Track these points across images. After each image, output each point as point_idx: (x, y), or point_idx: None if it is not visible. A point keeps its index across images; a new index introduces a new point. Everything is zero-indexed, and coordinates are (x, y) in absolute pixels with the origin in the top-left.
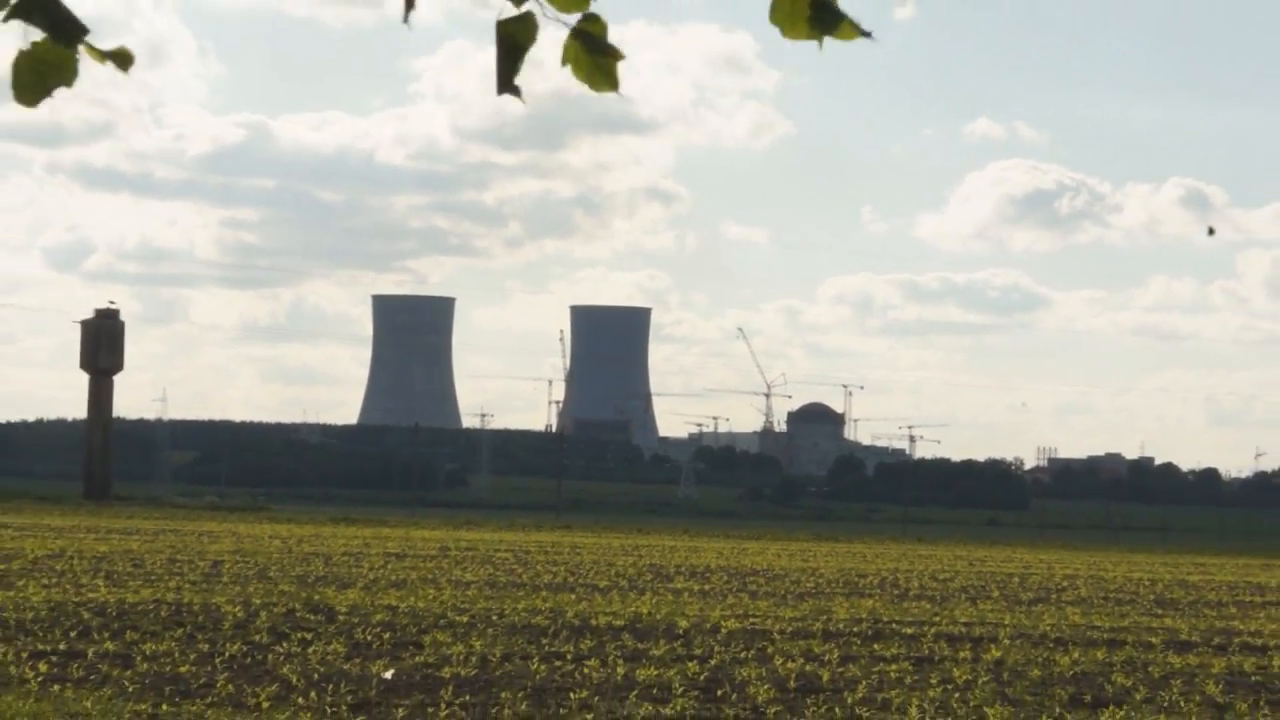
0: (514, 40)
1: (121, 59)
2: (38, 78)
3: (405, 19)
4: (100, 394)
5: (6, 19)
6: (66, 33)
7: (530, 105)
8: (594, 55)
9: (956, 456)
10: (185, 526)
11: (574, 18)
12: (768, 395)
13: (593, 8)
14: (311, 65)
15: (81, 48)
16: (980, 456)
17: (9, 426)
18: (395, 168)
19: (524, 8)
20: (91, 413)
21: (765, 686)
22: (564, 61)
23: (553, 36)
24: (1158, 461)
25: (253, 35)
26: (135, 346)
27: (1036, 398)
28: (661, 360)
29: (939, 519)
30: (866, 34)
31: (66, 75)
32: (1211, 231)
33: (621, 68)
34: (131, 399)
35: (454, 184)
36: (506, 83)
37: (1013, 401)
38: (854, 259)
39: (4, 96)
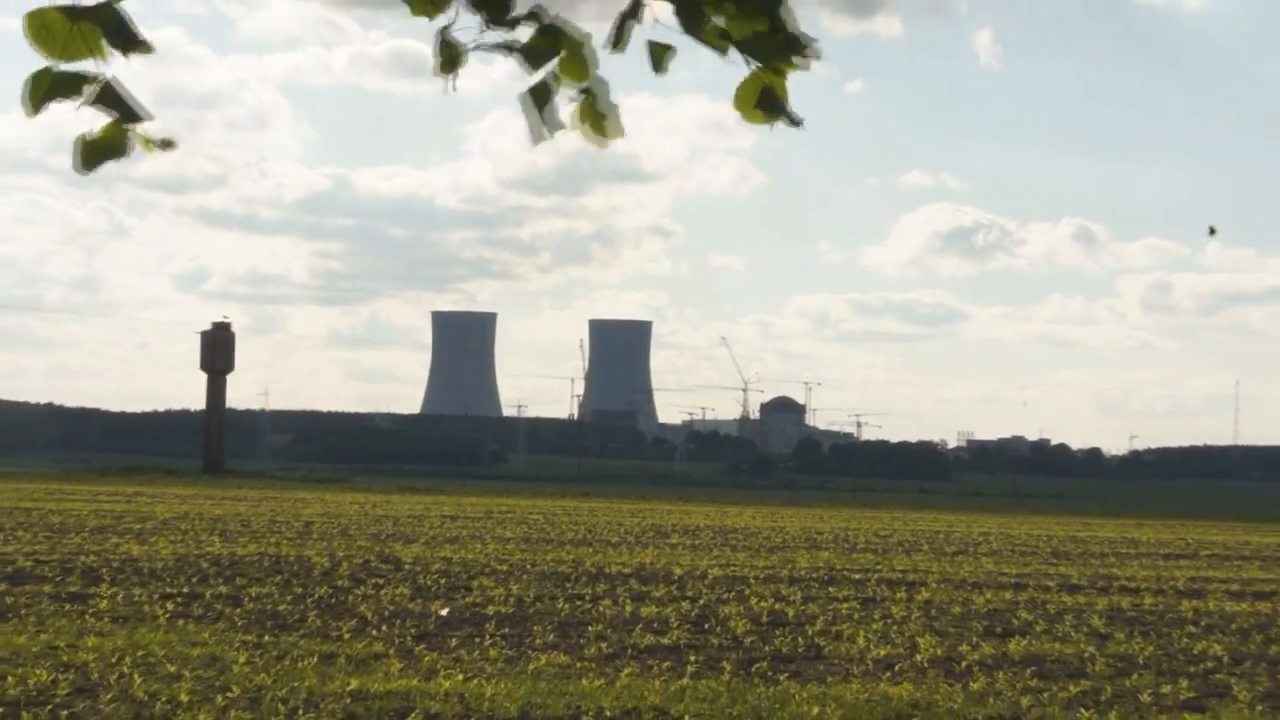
0: (541, 104)
1: (167, 145)
2: (94, 153)
3: (449, 85)
4: (215, 390)
5: (83, 104)
6: (133, 117)
7: (557, 160)
8: (597, 112)
9: (894, 439)
10: (283, 495)
11: (582, 85)
12: (745, 390)
13: (605, 83)
14: (384, 128)
15: (138, 132)
16: (913, 439)
17: (144, 415)
18: (450, 210)
19: (539, 76)
20: (209, 404)
21: (743, 621)
22: (580, 119)
23: (567, 107)
24: (1054, 442)
25: (337, 104)
26: (243, 352)
27: (958, 392)
28: (661, 362)
29: (880, 488)
30: (799, 123)
31: (119, 151)
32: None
33: (629, 129)
34: (240, 394)
35: (497, 222)
36: (543, 134)
37: (939, 395)
38: (813, 282)
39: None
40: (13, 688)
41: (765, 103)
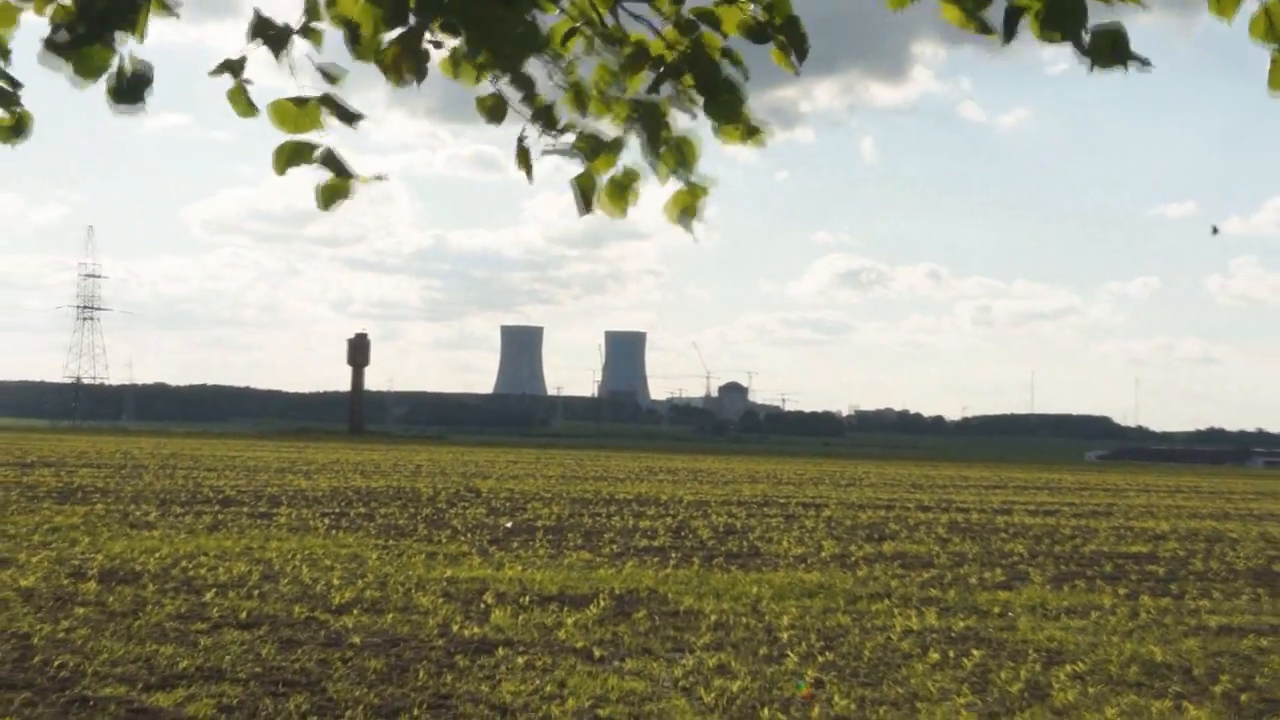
0: (584, 189)
1: (379, 178)
2: (330, 196)
3: (529, 180)
4: (357, 378)
5: (315, 164)
6: (345, 174)
7: (584, 225)
8: (615, 194)
9: (807, 409)
10: (401, 448)
11: (610, 172)
12: (708, 377)
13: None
14: (469, 204)
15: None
16: (820, 409)
17: (309, 395)
18: (514, 258)
19: (585, 168)
20: (353, 388)
21: (707, 530)
22: (607, 194)
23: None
24: (912, 411)
25: (438, 188)
26: (376, 352)
27: (850, 378)
28: (652, 359)
29: (798, 444)
30: (696, 240)
31: (345, 193)
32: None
33: (633, 206)
34: (374, 380)
35: (544, 266)
36: (586, 209)
37: (838, 380)
38: (754, 306)
39: (307, 220)
40: (222, 575)
41: (683, 216)
